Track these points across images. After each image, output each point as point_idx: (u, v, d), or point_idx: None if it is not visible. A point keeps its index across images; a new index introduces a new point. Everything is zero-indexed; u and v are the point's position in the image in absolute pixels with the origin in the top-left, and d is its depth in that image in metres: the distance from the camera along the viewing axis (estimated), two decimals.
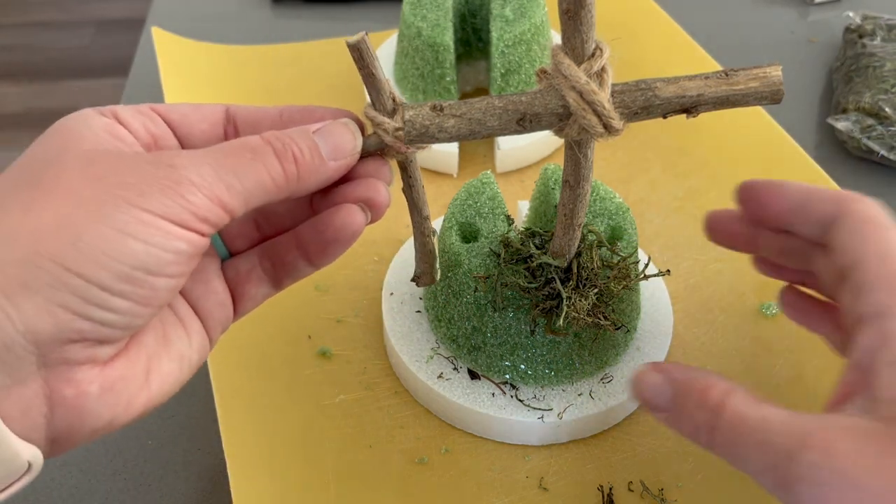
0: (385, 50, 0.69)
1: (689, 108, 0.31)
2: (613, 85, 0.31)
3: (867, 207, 0.35)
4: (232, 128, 0.35)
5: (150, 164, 0.28)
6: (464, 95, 0.68)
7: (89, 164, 0.28)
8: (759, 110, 0.63)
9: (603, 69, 0.30)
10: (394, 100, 0.34)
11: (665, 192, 0.59)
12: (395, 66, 0.66)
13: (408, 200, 0.39)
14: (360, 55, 0.33)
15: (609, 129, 0.30)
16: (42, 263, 0.26)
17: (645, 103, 0.31)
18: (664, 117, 0.31)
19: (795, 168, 0.58)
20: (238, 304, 0.35)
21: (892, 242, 0.33)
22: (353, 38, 0.32)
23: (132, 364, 0.30)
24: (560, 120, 0.31)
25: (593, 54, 0.30)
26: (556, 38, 0.66)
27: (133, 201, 0.27)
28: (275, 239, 0.36)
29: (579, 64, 0.30)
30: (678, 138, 0.62)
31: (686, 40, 0.71)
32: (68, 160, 0.28)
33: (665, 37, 0.72)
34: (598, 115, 0.30)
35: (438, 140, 0.31)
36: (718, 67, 0.67)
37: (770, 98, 0.31)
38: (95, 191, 0.27)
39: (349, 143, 0.32)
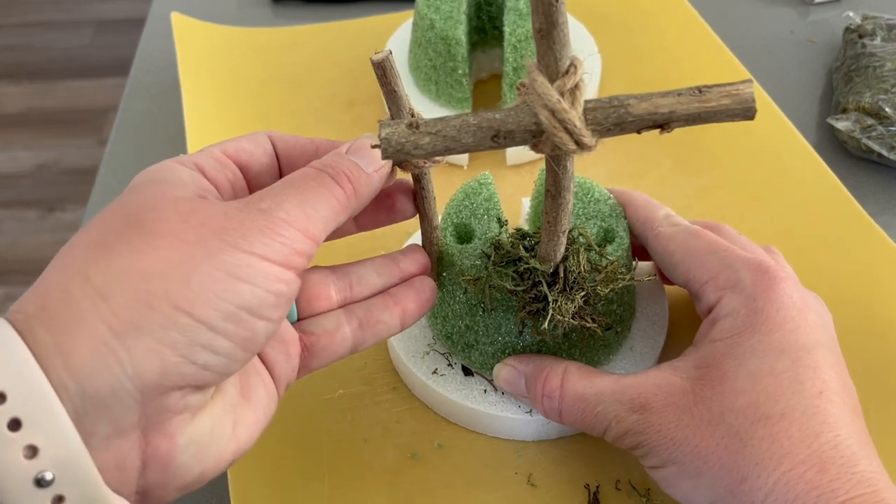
0: (400, 36, 0.69)
1: (662, 124, 0.31)
2: (586, 101, 0.31)
3: (666, 227, 0.44)
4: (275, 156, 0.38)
5: (243, 210, 0.30)
6: (479, 83, 0.68)
7: (188, 213, 0.30)
8: (773, 109, 0.62)
9: (576, 86, 0.31)
10: (412, 115, 0.35)
11: (675, 189, 0.59)
12: (409, 55, 0.67)
13: (419, 211, 0.41)
14: (384, 73, 0.35)
15: (581, 146, 0.31)
16: (154, 303, 0.27)
17: (617, 120, 0.31)
18: (638, 133, 0.32)
19: (805, 168, 0.58)
20: (311, 360, 0.37)
21: (697, 248, 0.42)
22: (377, 56, 0.34)
23: (220, 416, 0.31)
24: (533, 137, 0.31)
25: (567, 71, 0.31)
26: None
27: (237, 245, 0.29)
28: (369, 300, 0.39)
29: (553, 81, 0.31)
30: (690, 133, 0.62)
31: (705, 30, 0.70)
32: (166, 206, 0.30)
33: (684, 27, 0.72)
34: (570, 133, 0.31)
35: (415, 156, 0.31)
36: (734, 60, 0.66)
37: (742, 115, 0.31)
38: (200, 236, 0.29)
39: (379, 151, 0.34)
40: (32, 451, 0.25)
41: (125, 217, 0.30)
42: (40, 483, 0.25)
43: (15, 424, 0.25)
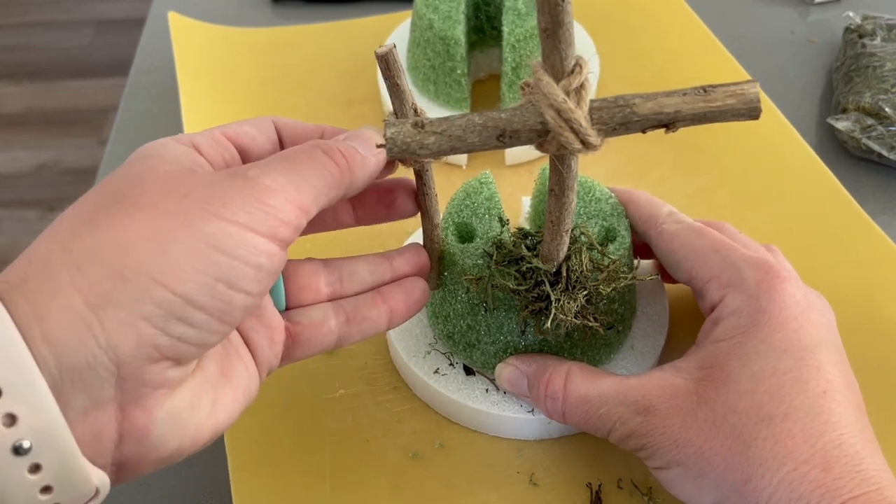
0: (398, 36, 0.69)
1: (667, 123, 0.31)
2: (592, 101, 0.31)
3: (669, 224, 0.44)
4: (278, 140, 0.38)
5: (228, 177, 0.30)
6: (477, 83, 0.69)
7: (173, 184, 0.29)
8: (773, 110, 0.62)
9: (582, 86, 0.31)
10: (416, 110, 0.35)
11: (675, 189, 0.59)
12: (407, 54, 0.67)
13: (420, 208, 0.41)
14: (388, 66, 0.35)
15: (587, 146, 0.31)
16: (129, 274, 0.26)
17: (623, 120, 0.31)
18: (643, 132, 0.32)
19: (805, 168, 0.58)
20: (295, 349, 0.37)
21: (701, 245, 0.42)
22: (381, 49, 0.34)
23: (199, 393, 0.31)
24: (539, 136, 0.31)
25: (572, 71, 0.31)
26: None
27: (219, 213, 0.28)
28: (357, 297, 0.39)
29: (558, 81, 0.31)
30: (691, 133, 0.62)
31: (703, 31, 0.70)
32: (151, 179, 0.30)
33: (683, 28, 0.72)
34: (576, 133, 0.31)
35: (420, 156, 0.32)
36: (733, 60, 0.66)
37: (747, 115, 0.31)
38: (181, 206, 0.28)
39: (378, 140, 0.35)
40: (11, 420, 0.25)
41: (112, 190, 0.29)
42: (18, 451, 0.25)
43: None
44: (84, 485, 0.27)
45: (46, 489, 0.26)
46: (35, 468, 0.25)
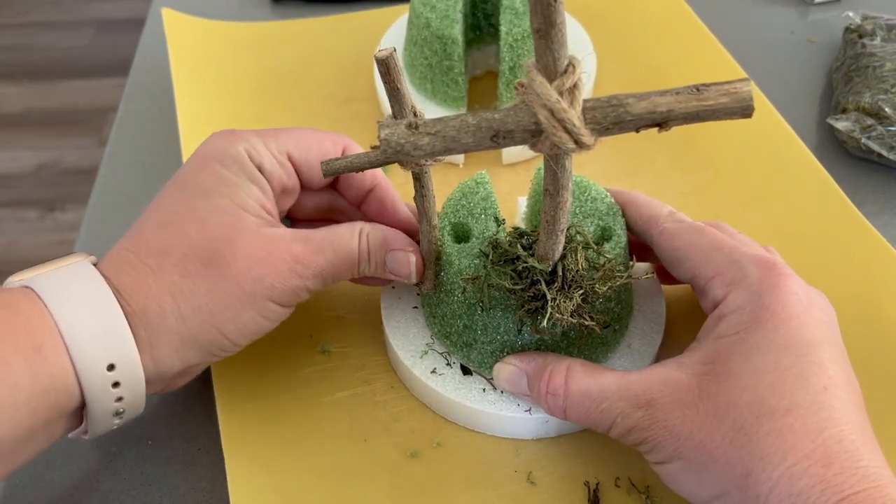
0: (395, 32, 0.69)
1: (660, 122, 0.31)
2: (585, 101, 0.31)
3: (670, 224, 0.44)
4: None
5: (296, 275, 0.41)
6: (474, 80, 0.68)
7: (256, 263, 0.40)
8: (769, 109, 0.62)
9: (575, 86, 0.31)
10: (415, 113, 0.35)
11: (670, 187, 0.59)
12: (404, 53, 0.66)
13: (418, 210, 0.41)
14: (388, 70, 0.35)
15: (580, 145, 0.31)
16: (211, 331, 0.40)
17: (616, 119, 0.31)
18: (636, 131, 0.32)
19: (801, 169, 0.58)
20: None
21: (703, 244, 0.42)
22: (381, 53, 0.34)
23: None
24: (533, 136, 0.32)
25: (565, 71, 0.31)
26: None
27: (275, 298, 0.41)
28: None
29: (551, 81, 0.31)
30: (685, 133, 0.62)
31: (701, 30, 0.70)
32: (237, 244, 0.40)
33: (680, 26, 0.72)
34: (569, 132, 0.31)
35: (415, 157, 0.32)
36: (730, 59, 0.66)
37: (740, 113, 0.31)
38: (256, 288, 0.40)
39: (405, 274, 0.45)
40: (120, 398, 0.39)
41: (207, 250, 0.40)
42: (118, 413, 0.39)
43: (115, 385, 0.38)
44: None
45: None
46: (119, 398, 0.39)
